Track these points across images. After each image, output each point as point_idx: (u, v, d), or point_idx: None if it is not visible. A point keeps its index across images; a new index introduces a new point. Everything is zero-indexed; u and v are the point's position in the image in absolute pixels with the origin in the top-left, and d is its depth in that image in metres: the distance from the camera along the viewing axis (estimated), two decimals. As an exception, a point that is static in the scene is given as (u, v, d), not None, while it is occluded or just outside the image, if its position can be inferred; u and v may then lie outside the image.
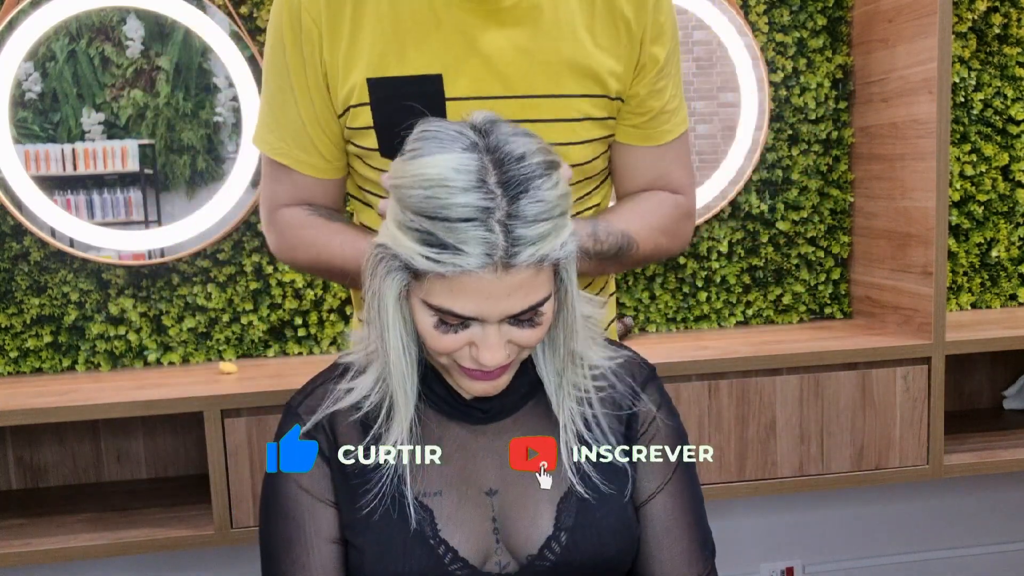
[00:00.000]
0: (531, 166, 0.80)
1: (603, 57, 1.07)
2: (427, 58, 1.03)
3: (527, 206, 0.78)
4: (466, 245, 0.77)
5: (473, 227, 0.77)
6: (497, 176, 0.79)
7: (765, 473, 1.88)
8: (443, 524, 0.93)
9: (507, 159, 0.80)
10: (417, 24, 1.02)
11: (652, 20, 1.08)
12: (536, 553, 0.93)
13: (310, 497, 0.94)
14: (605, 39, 1.07)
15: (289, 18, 1.06)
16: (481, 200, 0.77)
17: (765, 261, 2.22)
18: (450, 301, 0.81)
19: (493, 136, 0.81)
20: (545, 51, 1.04)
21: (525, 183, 0.79)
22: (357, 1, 1.03)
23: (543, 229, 0.79)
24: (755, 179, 2.19)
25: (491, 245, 0.77)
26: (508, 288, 0.80)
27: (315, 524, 0.94)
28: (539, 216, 0.79)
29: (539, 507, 0.94)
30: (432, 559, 0.91)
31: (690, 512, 1.00)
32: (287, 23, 1.07)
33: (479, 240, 0.77)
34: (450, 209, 0.77)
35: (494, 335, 0.83)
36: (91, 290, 1.96)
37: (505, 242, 0.77)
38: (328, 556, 0.94)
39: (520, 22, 1.03)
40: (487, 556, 0.94)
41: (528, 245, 0.78)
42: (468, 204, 0.77)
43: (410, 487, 0.92)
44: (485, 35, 1.02)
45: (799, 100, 2.18)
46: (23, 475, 1.97)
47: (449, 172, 0.78)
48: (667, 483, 0.99)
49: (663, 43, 1.10)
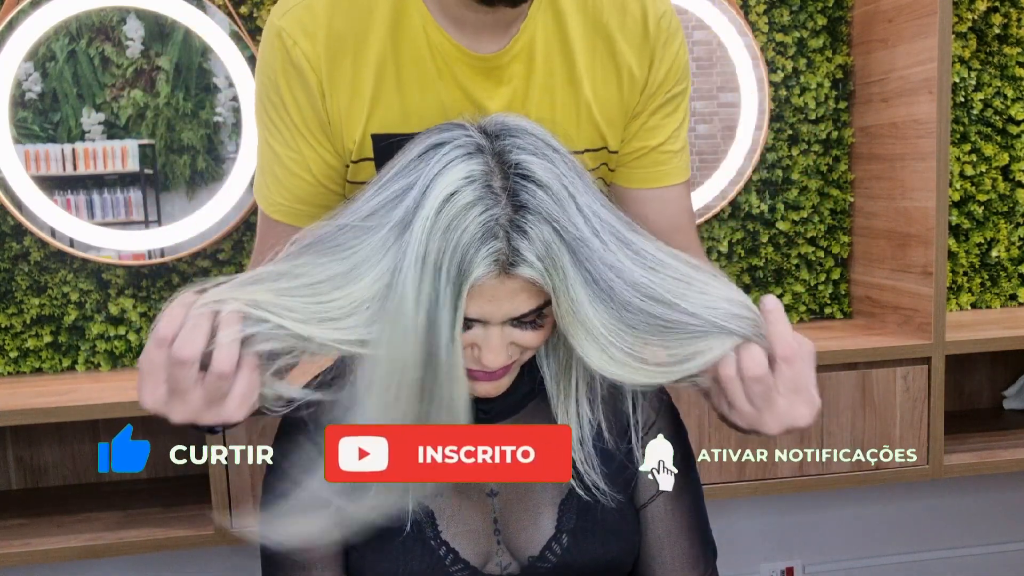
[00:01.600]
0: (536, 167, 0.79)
1: (601, 107, 1.02)
2: (430, 114, 0.99)
3: (531, 217, 0.77)
4: (470, 260, 0.76)
5: (476, 246, 0.75)
6: (502, 180, 0.78)
7: (765, 473, 1.88)
8: (444, 525, 0.93)
9: (512, 164, 0.78)
10: (419, 80, 0.99)
11: (657, 70, 1.03)
12: (537, 554, 0.93)
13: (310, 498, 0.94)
14: (603, 86, 1.02)
15: (286, 72, 0.98)
16: (486, 217, 0.76)
17: (765, 261, 2.22)
18: None
19: (501, 141, 0.80)
20: (541, 107, 1.01)
21: (531, 187, 0.78)
22: (357, 54, 0.98)
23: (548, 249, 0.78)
24: (755, 179, 2.19)
25: (496, 252, 0.76)
26: (511, 291, 0.79)
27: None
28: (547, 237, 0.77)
29: (540, 508, 0.94)
30: (433, 560, 0.91)
31: (691, 514, 1.00)
32: (283, 76, 0.98)
33: (483, 255, 0.76)
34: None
35: (497, 336, 0.83)
36: (91, 290, 1.96)
37: (509, 252, 0.77)
38: (328, 558, 0.94)
39: (514, 77, 1.00)
40: (488, 557, 0.94)
41: (527, 264, 0.77)
42: (473, 222, 0.75)
43: (411, 488, 0.92)
44: (484, 92, 1.00)
45: (799, 100, 2.18)
46: (23, 475, 1.97)
47: (453, 189, 0.76)
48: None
49: (659, 93, 1.04)
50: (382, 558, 0.91)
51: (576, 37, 1.00)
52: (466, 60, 0.98)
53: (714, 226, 2.19)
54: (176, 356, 0.74)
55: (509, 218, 0.76)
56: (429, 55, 0.98)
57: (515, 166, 0.78)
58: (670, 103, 1.05)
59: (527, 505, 0.94)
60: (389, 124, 0.99)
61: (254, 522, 1.69)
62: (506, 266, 0.77)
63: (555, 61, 1.00)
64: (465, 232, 0.75)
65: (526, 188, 0.77)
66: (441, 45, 0.97)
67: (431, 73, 0.99)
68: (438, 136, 0.80)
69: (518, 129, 0.81)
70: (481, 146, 0.79)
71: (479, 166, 0.77)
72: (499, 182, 0.77)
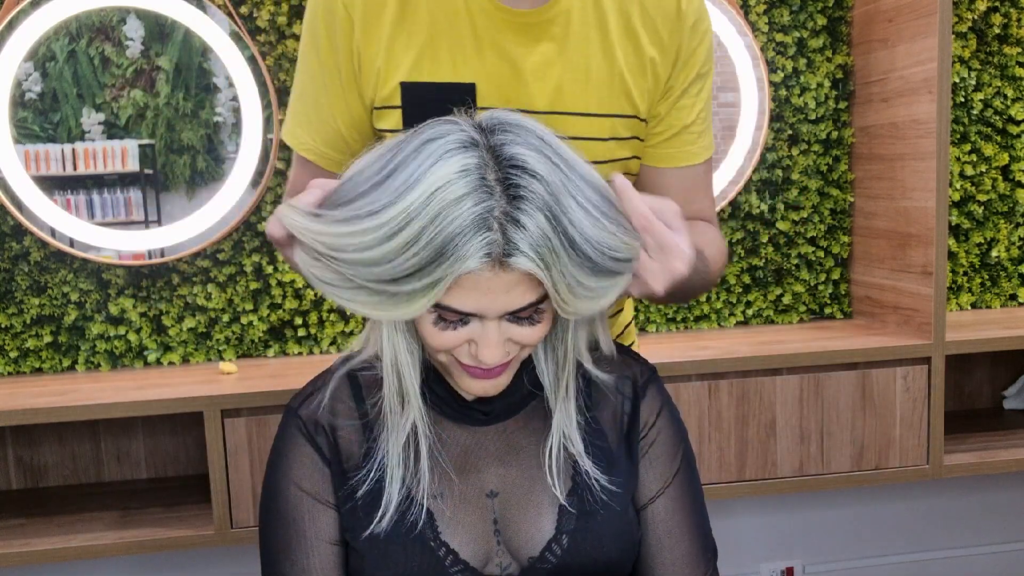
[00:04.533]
0: (530, 159, 0.79)
1: (634, 77, 1.06)
2: (461, 67, 1.03)
3: (525, 206, 0.77)
4: (464, 248, 0.76)
5: (471, 233, 0.76)
6: (496, 172, 0.78)
7: (765, 473, 1.88)
8: (444, 526, 0.92)
9: (505, 157, 0.79)
10: (453, 33, 1.02)
11: (687, 50, 1.08)
12: (537, 555, 0.93)
13: (310, 499, 0.94)
14: (635, 57, 1.06)
15: (325, 10, 1.04)
16: (479, 208, 0.76)
17: (765, 261, 2.22)
18: (448, 297, 0.80)
19: (495, 137, 0.81)
20: (576, 69, 1.04)
21: (524, 176, 0.78)
22: (399, 4, 1.02)
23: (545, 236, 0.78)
24: (755, 179, 2.19)
25: (491, 242, 0.76)
26: (507, 284, 0.79)
27: (315, 526, 0.94)
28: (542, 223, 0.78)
29: (541, 509, 0.94)
30: (433, 561, 0.91)
31: (692, 514, 1.00)
32: (322, 15, 1.04)
33: (478, 243, 0.76)
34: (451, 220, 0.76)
35: (493, 332, 0.83)
36: (91, 290, 1.96)
37: (504, 242, 0.77)
38: (328, 558, 0.94)
39: (554, 38, 1.03)
40: (488, 558, 0.93)
41: (523, 254, 0.77)
42: (467, 210, 0.76)
43: (411, 489, 0.92)
44: (519, 49, 1.02)
45: (799, 100, 2.18)
46: (23, 475, 1.97)
47: (449, 179, 0.77)
48: (668, 485, 0.99)
49: (688, 71, 1.09)
50: (382, 559, 0.91)
51: (610, 8, 1.05)
52: (503, 16, 1.01)
53: (714, 226, 2.19)
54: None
55: (504, 210, 0.76)
56: (465, 9, 1.01)
57: (510, 159, 0.78)
58: (697, 82, 1.10)
59: (527, 506, 0.94)
60: (419, 74, 1.03)
61: (254, 522, 1.70)
62: (501, 258, 0.77)
63: (591, 27, 1.04)
64: (456, 220, 0.75)
65: (521, 180, 0.77)
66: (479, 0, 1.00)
67: (466, 27, 1.02)
68: (431, 132, 0.81)
69: (512, 123, 0.82)
70: (475, 140, 0.79)
71: (473, 159, 0.77)
72: (493, 175, 0.77)
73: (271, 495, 0.96)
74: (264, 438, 1.69)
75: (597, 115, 1.06)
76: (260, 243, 2.01)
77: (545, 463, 0.94)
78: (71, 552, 1.66)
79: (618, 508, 0.95)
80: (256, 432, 1.69)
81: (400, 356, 0.90)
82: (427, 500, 0.93)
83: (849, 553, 2.35)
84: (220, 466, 1.68)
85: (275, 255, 2.02)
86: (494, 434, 0.96)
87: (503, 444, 0.96)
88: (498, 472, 0.95)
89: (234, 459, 1.69)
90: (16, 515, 1.81)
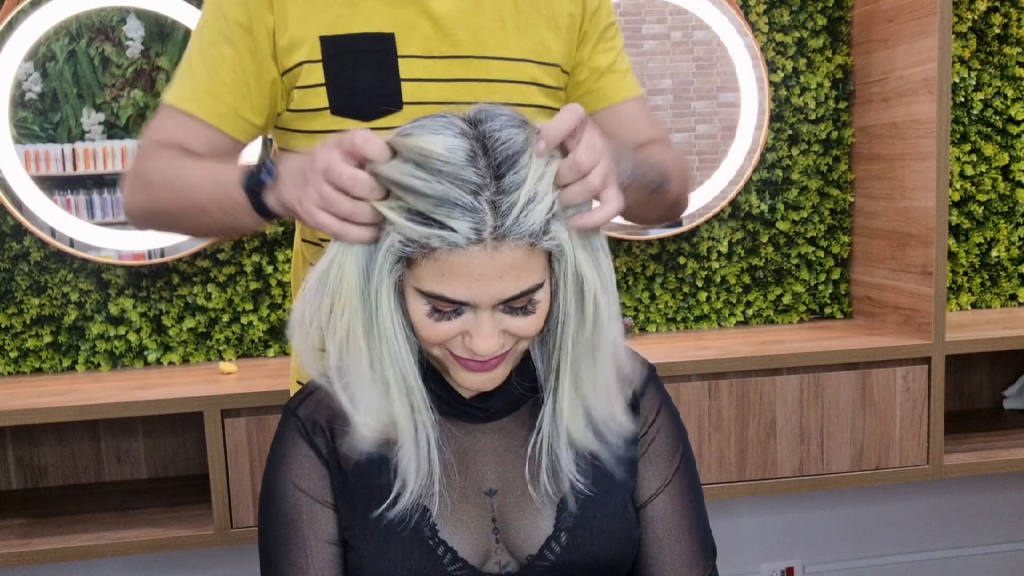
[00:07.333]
0: (516, 143, 0.80)
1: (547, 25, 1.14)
2: (379, 18, 1.07)
3: (513, 177, 0.78)
4: (454, 220, 0.77)
5: (462, 201, 0.77)
6: (487, 160, 0.79)
7: (765, 473, 1.88)
8: (442, 524, 0.92)
9: (494, 143, 0.80)
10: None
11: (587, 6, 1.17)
12: (536, 553, 0.93)
13: (309, 499, 0.94)
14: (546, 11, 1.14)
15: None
16: (472, 177, 0.77)
17: (765, 261, 2.22)
18: (441, 286, 0.80)
19: (484, 125, 0.81)
20: (491, 16, 1.10)
21: (511, 160, 0.79)
22: None
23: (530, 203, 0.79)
24: (755, 179, 2.19)
25: (480, 221, 0.77)
26: (499, 269, 0.80)
27: (314, 526, 0.94)
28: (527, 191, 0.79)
29: (539, 507, 0.94)
30: (431, 560, 0.91)
31: (691, 513, 1.00)
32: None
33: (468, 215, 0.77)
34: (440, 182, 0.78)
35: (487, 321, 0.83)
36: (91, 290, 1.96)
37: (493, 219, 0.77)
38: (327, 558, 0.94)
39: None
40: (487, 556, 0.93)
41: (514, 222, 0.78)
42: (458, 179, 0.77)
43: (410, 487, 0.92)
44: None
45: (799, 100, 2.18)
46: (23, 475, 1.97)
47: (440, 150, 0.78)
48: (668, 484, 0.99)
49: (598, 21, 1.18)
50: (381, 558, 0.91)
51: None
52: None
53: (714, 226, 2.19)
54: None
55: (494, 190, 0.78)
56: None
57: (498, 142, 0.79)
58: (610, 28, 1.21)
59: (526, 504, 0.94)
60: (340, 27, 1.06)
61: (254, 522, 1.70)
62: (491, 239, 0.77)
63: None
64: (452, 188, 0.77)
65: (510, 161, 0.79)
66: None
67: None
68: (423, 119, 0.82)
69: (497, 112, 0.83)
70: (465, 131, 0.80)
71: (462, 142, 0.79)
72: (484, 160, 0.78)
73: (270, 495, 0.96)
74: (264, 438, 1.69)
75: (518, 59, 1.12)
76: (260, 243, 2.01)
77: (536, 461, 0.94)
78: (71, 552, 1.66)
79: (617, 506, 0.95)
80: (256, 432, 1.69)
81: (400, 351, 0.89)
82: (426, 498, 0.92)
83: (849, 553, 2.35)
84: (220, 466, 1.68)
85: (275, 255, 2.02)
86: (493, 432, 0.96)
87: (501, 442, 0.96)
88: (497, 470, 0.95)
89: (234, 459, 1.69)
90: (16, 515, 1.81)
